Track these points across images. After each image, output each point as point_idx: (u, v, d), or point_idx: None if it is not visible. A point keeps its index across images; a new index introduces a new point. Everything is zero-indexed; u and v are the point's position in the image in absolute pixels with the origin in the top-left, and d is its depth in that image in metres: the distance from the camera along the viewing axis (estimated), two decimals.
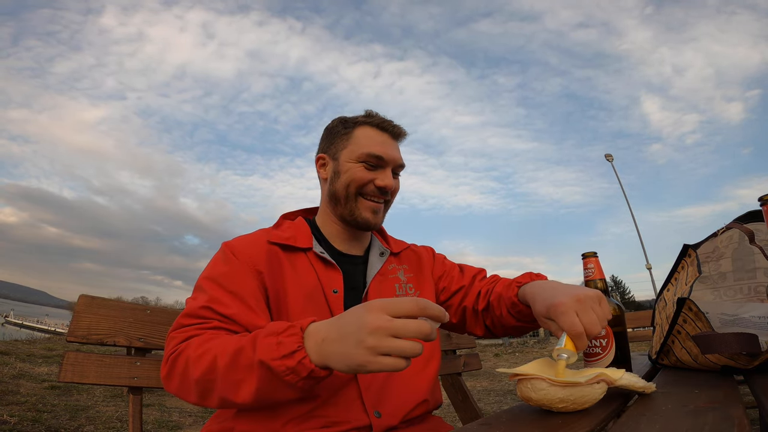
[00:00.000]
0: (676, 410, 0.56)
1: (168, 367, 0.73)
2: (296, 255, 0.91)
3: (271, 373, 0.62)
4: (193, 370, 0.69)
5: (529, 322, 0.91)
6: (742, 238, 0.97)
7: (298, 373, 0.61)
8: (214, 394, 0.69)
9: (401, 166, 0.99)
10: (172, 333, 0.78)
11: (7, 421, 2.84)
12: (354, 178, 0.93)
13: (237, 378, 0.65)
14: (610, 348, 0.81)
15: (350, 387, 0.82)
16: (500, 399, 4.82)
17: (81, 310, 0.97)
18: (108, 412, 3.45)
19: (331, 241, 0.98)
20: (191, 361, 0.70)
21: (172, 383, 0.73)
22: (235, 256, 0.86)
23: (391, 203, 1.02)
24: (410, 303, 0.59)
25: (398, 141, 1.01)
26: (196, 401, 0.71)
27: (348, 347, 0.59)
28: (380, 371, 0.59)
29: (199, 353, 0.70)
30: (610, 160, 22.44)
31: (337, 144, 0.97)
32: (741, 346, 0.74)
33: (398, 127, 0.99)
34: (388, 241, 1.07)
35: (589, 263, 0.89)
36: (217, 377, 0.67)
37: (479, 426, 0.57)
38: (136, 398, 0.98)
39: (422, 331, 0.58)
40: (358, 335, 0.58)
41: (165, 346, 0.79)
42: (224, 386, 0.67)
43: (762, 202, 0.79)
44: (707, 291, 1.02)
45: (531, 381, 0.61)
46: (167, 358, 0.74)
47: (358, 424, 0.79)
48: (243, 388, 0.65)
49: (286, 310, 0.85)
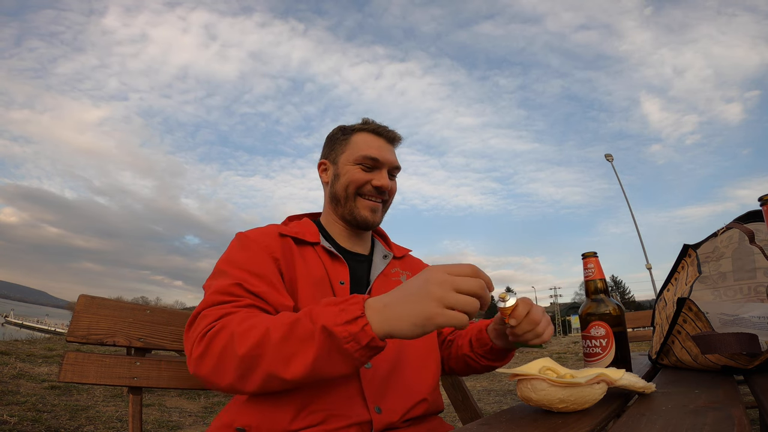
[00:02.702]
0: (676, 410, 0.56)
1: (204, 345, 0.70)
2: (305, 247, 0.95)
3: (331, 341, 0.62)
4: (239, 345, 0.67)
5: (484, 356, 0.98)
6: (742, 238, 0.97)
7: (358, 341, 0.62)
8: (258, 371, 0.66)
9: (397, 168, 1.05)
10: (204, 311, 0.76)
11: (7, 421, 2.84)
12: (352, 179, 1.00)
13: (291, 351, 0.64)
14: (610, 348, 0.81)
15: (352, 382, 0.83)
16: (500, 399, 4.82)
17: (81, 310, 0.97)
18: (108, 412, 3.45)
19: (336, 239, 1.05)
20: (237, 336, 0.67)
21: (206, 363, 0.70)
22: (253, 242, 0.89)
23: (389, 204, 1.08)
24: (466, 265, 0.64)
25: (393, 145, 1.07)
26: (232, 382, 0.68)
27: (414, 303, 0.62)
28: (446, 325, 0.62)
29: (245, 327, 0.68)
30: (610, 160, 22.44)
31: (336, 150, 1.05)
32: (741, 346, 0.74)
33: (393, 131, 1.06)
34: (390, 245, 1.13)
35: (589, 263, 0.89)
36: (266, 351, 0.65)
37: (479, 426, 0.57)
38: (136, 398, 0.98)
39: (481, 288, 0.63)
40: (426, 288, 0.62)
41: (193, 326, 0.75)
42: (274, 360, 0.65)
43: (762, 202, 0.79)
44: (707, 291, 1.02)
45: (531, 381, 0.61)
46: (203, 335, 0.71)
47: (358, 419, 0.80)
48: (295, 362, 0.64)
49: (296, 298, 0.87)
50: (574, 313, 47.83)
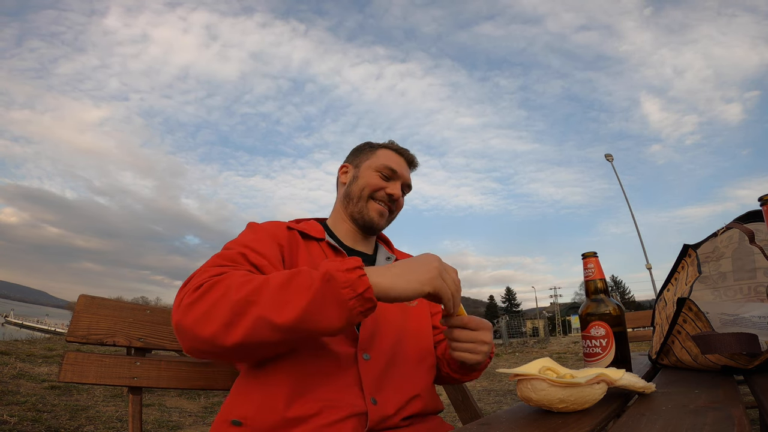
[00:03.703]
0: (676, 410, 0.56)
1: (197, 295, 0.70)
2: (311, 242, 1.01)
3: (329, 287, 0.66)
4: (235, 292, 0.68)
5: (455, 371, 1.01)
6: (742, 238, 0.97)
7: (355, 288, 0.67)
8: (249, 315, 0.67)
9: (409, 186, 1.16)
10: (205, 268, 0.78)
11: (7, 421, 2.84)
12: (369, 183, 1.09)
13: (287, 297, 0.66)
14: (610, 348, 0.81)
15: (350, 371, 0.84)
16: (500, 399, 4.82)
17: (81, 310, 0.97)
18: (108, 412, 3.45)
19: (342, 239, 1.10)
20: (235, 285, 0.69)
21: (194, 311, 0.69)
22: (261, 228, 0.96)
23: (395, 215, 1.16)
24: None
25: (411, 168, 1.19)
26: (215, 332, 0.68)
27: (414, 266, 0.73)
28: (439, 290, 0.73)
29: (246, 279, 0.70)
30: (610, 160, 22.44)
31: (360, 157, 1.15)
32: (741, 346, 0.74)
33: (413, 156, 1.19)
34: (393, 250, 1.20)
35: (589, 263, 0.89)
36: (262, 297, 0.67)
37: (479, 426, 0.57)
38: (136, 398, 0.98)
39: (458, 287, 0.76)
40: (426, 258, 0.75)
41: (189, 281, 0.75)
42: (268, 305, 0.66)
43: (762, 202, 0.79)
44: (707, 291, 1.02)
45: (531, 381, 0.61)
46: (198, 286, 0.71)
47: (355, 409, 0.80)
48: (289, 307, 0.66)
49: None
50: (574, 313, 47.85)
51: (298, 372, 0.81)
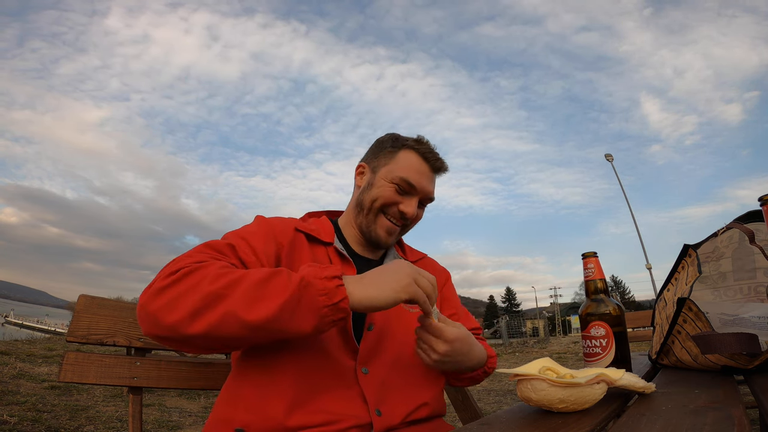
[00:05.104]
0: (676, 410, 0.56)
1: (170, 281, 0.67)
2: (318, 246, 0.96)
3: (304, 292, 0.66)
4: (208, 284, 0.66)
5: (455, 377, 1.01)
6: (742, 238, 0.97)
7: (330, 297, 0.67)
8: (218, 309, 0.64)
9: (430, 199, 1.04)
10: (188, 254, 0.76)
11: (7, 421, 2.84)
12: (382, 195, 0.99)
13: (260, 294, 0.65)
14: (610, 348, 0.81)
15: (352, 383, 0.83)
16: (500, 399, 4.82)
17: (81, 310, 0.97)
18: (108, 412, 3.45)
19: (350, 243, 1.05)
20: (210, 276, 0.67)
21: (163, 297, 0.67)
22: (265, 223, 0.93)
23: (408, 228, 1.06)
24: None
25: (437, 174, 1.05)
26: (179, 320, 0.65)
27: (389, 275, 0.73)
28: (415, 295, 0.73)
29: (223, 272, 0.68)
30: (610, 160, 22.44)
31: (380, 159, 1.03)
32: (741, 346, 0.74)
33: (441, 161, 1.04)
34: (404, 249, 1.13)
35: (589, 263, 0.89)
36: (235, 292, 0.65)
37: (479, 426, 0.57)
38: (136, 398, 0.98)
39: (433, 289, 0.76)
40: (400, 265, 0.76)
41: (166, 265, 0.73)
42: (240, 301, 0.64)
43: (762, 202, 0.79)
44: (707, 291, 1.02)
45: (531, 381, 0.61)
46: (173, 272, 0.69)
47: (358, 421, 0.79)
48: (261, 305, 0.64)
49: None
50: (574, 313, 47.84)
51: (299, 381, 0.79)
